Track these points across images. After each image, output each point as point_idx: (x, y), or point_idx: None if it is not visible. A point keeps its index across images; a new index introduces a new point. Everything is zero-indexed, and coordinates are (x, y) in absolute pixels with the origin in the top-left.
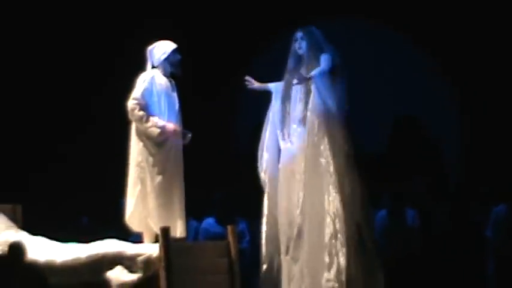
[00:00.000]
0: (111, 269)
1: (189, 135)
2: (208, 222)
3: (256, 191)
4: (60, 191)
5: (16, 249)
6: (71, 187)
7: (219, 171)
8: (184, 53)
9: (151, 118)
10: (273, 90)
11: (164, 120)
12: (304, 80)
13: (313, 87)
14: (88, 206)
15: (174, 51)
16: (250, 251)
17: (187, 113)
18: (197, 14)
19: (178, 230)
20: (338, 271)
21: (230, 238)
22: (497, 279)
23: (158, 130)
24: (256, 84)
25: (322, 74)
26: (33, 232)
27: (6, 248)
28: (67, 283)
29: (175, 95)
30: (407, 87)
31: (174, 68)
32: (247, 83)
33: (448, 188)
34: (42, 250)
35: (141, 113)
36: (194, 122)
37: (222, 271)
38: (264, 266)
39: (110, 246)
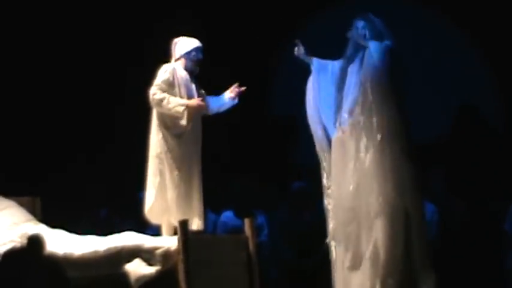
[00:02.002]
0: (129, 261)
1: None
2: (227, 215)
3: (274, 183)
4: (79, 184)
5: (35, 242)
6: (89, 179)
7: (236, 163)
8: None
9: (171, 98)
10: (315, 64)
11: None
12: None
13: (368, 53)
14: (107, 198)
15: (196, 49)
16: (269, 244)
17: None
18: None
19: (197, 223)
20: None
21: (248, 231)
22: None
23: (182, 107)
24: (302, 51)
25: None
26: (52, 225)
27: (25, 241)
28: (85, 276)
29: (194, 87)
30: (467, 77)
31: (193, 65)
32: (295, 48)
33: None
34: (60, 243)
35: (162, 95)
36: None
37: (240, 264)
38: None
39: (128, 239)
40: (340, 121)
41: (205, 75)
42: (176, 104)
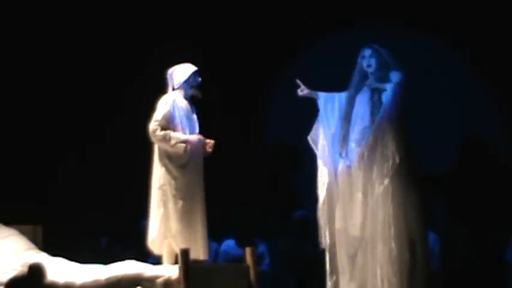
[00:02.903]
0: None
1: (212, 142)
2: (228, 244)
3: (275, 212)
4: (80, 212)
5: (36, 270)
6: (91, 208)
7: (237, 192)
8: (203, 71)
9: (172, 135)
10: (322, 98)
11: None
12: (377, 88)
13: (386, 96)
14: (108, 227)
15: (194, 74)
16: (270, 273)
17: (206, 132)
18: (215, 32)
19: (202, 253)
20: None
21: (249, 260)
22: None
23: (183, 145)
24: (306, 91)
25: (398, 86)
26: (53, 253)
27: (26, 269)
28: None
29: (195, 117)
30: (475, 106)
31: (194, 90)
32: (298, 90)
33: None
34: (61, 271)
35: (163, 132)
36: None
37: None
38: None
39: (129, 267)
40: (346, 151)
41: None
42: (177, 140)
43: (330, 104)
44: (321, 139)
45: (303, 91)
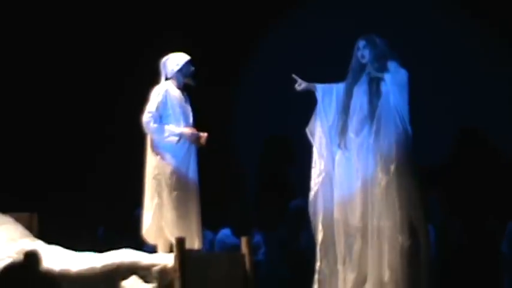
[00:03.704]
0: (125, 278)
1: (205, 135)
2: (224, 233)
3: (271, 202)
4: (77, 201)
5: (32, 257)
6: (87, 197)
7: (233, 182)
8: (196, 62)
9: (166, 127)
10: (320, 91)
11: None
12: (375, 77)
13: (386, 86)
14: (104, 216)
15: (187, 63)
16: (266, 263)
17: (200, 122)
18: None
19: (195, 242)
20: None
21: (245, 250)
22: None
23: (176, 138)
24: (303, 85)
25: (396, 75)
26: (49, 241)
27: (22, 257)
28: None
29: (188, 106)
30: (474, 96)
31: (188, 79)
32: (296, 85)
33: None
34: (57, 259)
35: (156, 125)
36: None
37: (236, 282)
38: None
39: (125, 256)
40: (345, 141)
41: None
42: (170, 134)
43: (327, 96)
44: (318, 131)
45: (300, 85)
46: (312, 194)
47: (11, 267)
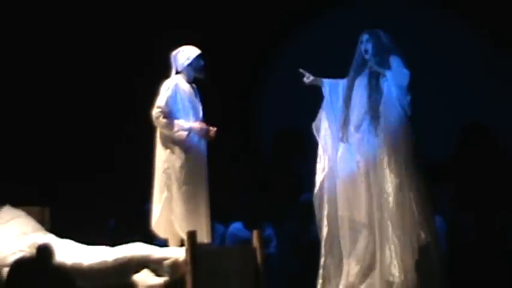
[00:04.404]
0: (137, 272)
1: (215, 129)
2: (236, 226)
3: (282, 195)
4: (88, 195)
5: (44, 251)
6: (98, 191)
7: (245, 175)
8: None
9: (175, 122)
10: (327, 86)
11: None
12: (376, 72)
13: (388, 86)
14: (115, 209)
15: (197, 57)
16: (277, 256)
17: (211, 117)
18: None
19: (205, 236)
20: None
21: (256, 243)
22: None
23: (185, 132)
24: (311, 78)
25: (397, 74)
26: (61, 235)
27: (34, 251)
28: (94, 286)
29: (198, 100)
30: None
31: (198, 73)
32: (304, 78)
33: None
34: (69, 253)
35: (165, 120)
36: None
37: (248, 276)
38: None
39: (136, 249)
40: (347, 135)
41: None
42: (179, 128)
43: (334, 91)
44: (324, 126)
45: (308, 78)
46: (316, 189)
47: (22, 261)
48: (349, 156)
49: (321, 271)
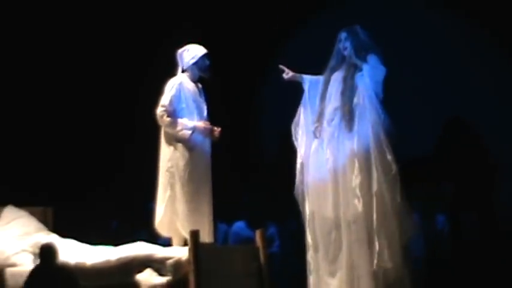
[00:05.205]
0: (140, 271)
1: (219, 129)
2: (239, 225)
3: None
4: (91, 195)
5: (48, 251)
6: (101, 191)
7: (247, 175)
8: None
9: (179, 121)
10: (307, 82)
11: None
12: (353, 64)
13: (363, 80)
14: (118, 209)
15: (203, 57)
16: (280, 255)
17: (214, 116)
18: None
19: (207, 235)
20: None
21: (259, 242)
22: None
23: (189, 132)
24: (291, 74)
25: (374, 70)
26: (64, 235)
27: (37, 250)
28: (97, 285)
29: (203, 99)
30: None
31: (203, 73)
32: (283, 74)
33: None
34: (72, 253)
35: (169, 119)
36: (221, 125)
37: (251, 275)
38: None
39: (139, 249)
40: (319, 130)
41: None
42: (182, 127)
43: (313, 87)
44: (301, 121)
45: (288, 74)
46: (296, 184)
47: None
48: (321, 151)
49: (308, 266)
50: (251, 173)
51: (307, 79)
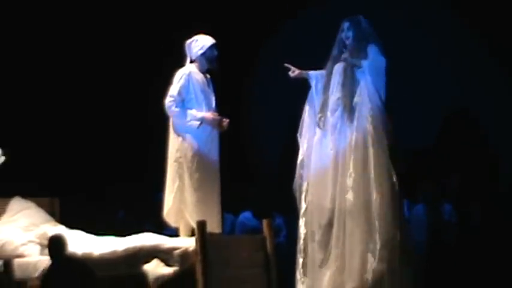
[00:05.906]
0: (147, 262)
1: (227, 120)
2: (245, 216)
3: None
4: (98, 186)
5: (57, 242)
6: (108, 181)
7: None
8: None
9: (188, 112)
10: (313, 78)
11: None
12: (351, 64)
13: (364, 76)
14: (124, 200)
15: (211, 47)
16: (287, 245)
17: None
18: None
19: (215, 225)
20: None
21: (266, 232)
22: None
23: (197, 122)
24: (297, 72)
25: (374, 63)
26: (71, 226)
27: (44, 242)
28: (104, 276)
29: (211, 90)
30: (460, 77)
31: (210, 64)
32: (289, 72)
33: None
34: (79, 243)
35: (178, 109)
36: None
37: (258, 265)
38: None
39: (146, 239)
40: (323, 121)
41: None
42: (191, 118)
43: (320, 83)
44: (306, 114)
45: (294, 72)
46: (296, 175)
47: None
48: (324, 142)
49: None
50: (258, 163)
51: (313, 75)
